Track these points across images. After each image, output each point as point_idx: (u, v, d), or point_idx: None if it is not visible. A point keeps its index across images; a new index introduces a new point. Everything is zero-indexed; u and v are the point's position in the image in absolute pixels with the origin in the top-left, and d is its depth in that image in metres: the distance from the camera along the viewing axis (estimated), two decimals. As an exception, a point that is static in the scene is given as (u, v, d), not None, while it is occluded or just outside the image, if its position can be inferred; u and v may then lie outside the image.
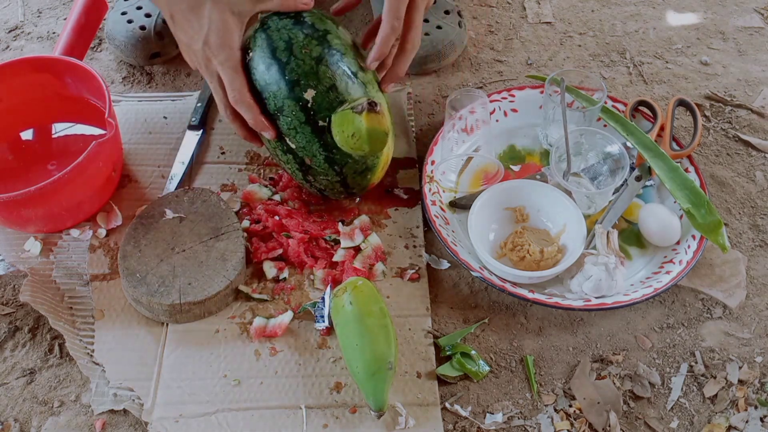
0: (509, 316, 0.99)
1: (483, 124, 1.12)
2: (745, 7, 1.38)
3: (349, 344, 0.90)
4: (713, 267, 1.02)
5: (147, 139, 1.16)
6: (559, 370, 0.94)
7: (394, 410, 0.89)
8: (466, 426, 0.90)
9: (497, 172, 1.09)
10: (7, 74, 1.08)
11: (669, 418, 0.91)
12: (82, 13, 1.14)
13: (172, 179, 1.10)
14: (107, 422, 0.90)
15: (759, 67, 1.28)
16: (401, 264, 1.02)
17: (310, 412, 0.90)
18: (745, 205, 1.10)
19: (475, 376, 0.93)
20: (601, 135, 1.07)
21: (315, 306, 0.97)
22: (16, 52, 1.32)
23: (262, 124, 0.96)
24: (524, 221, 1.05)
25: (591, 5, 1.40)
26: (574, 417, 0.90)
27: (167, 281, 0.96)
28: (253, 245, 1.02)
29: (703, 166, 1.13)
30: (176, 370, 0.93)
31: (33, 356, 0.96)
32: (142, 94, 1.24)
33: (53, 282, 1.01)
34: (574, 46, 1.32)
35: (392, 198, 1.09)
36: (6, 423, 0.90)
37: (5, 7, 1.40)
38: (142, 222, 1.01)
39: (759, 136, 1.18)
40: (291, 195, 1.08)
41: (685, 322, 0.98)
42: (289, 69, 0.93)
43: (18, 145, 1.12)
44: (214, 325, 0.97)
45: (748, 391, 0.92)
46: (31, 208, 0.98)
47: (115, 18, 1.26)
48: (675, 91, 1.25)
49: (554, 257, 0.99)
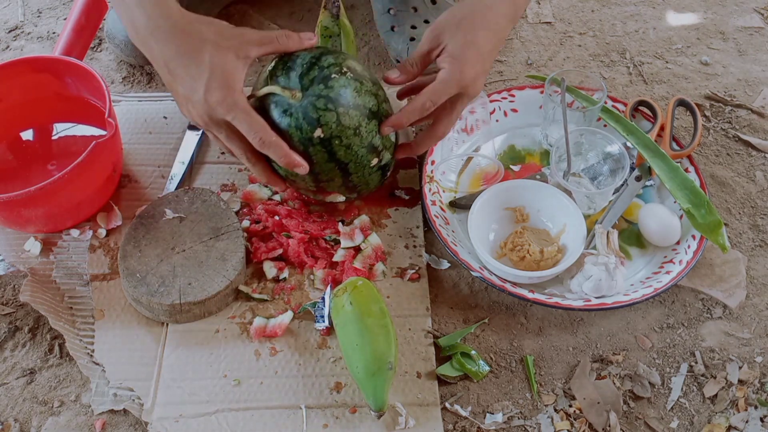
0: (509, 316, 0.99)
1: (483, 124, 1.12)
2: (745, 7, 1.38)
3: (349, 344, 0.90)
4: (713, 267, 1.02)
5: (147, 139, 1.16)
6: (559, 370, 0.94)
7: (394, 410, 0.89)
8: (466, 426, 0.90)
9: (497, 172, 1.09)
10: (7, 74, 1.08)
11: (669, 418, 0.91)
12: (82, 13, 1.14)
13: (172, 179, 1.10)
14: (107, 422, 0.90)
15: (759, 67, 1.28)
16: (401, 264, 1.02)
17: (310, 412, 0.90)
18: (745, 205, 1.10)
19: (475, 376, 0.93)
20: (601, 135, 1.07)
21: (315, 306, 0.97)
22: (16, 52, 1.32)
23: (294, 159, 0.89)
24: (524, 221, 1.05)
25: (591, 5, 1.40)
26: (574, 417, 0.90)
27: (167, 281, 0.96)
28: (253, 245, 1.02)
29: (703, 166, 1.13)
30: (176, 370, 0.93)
31: (33, 356, 0.96)
32: (142, 94, 1.24)
33: (53, 282, 1.01)
34: (574, 46, 1.32)
35: (392, 198, 1.09)
36: (6, 423, 0.90)
37: (5, 7, 1.40)
38: (142, 222, 1.01)
39: (759, 136, 1.18)
40: (291, 195, 1.08)
41: (685, 322, 0.98)
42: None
43: (18, 145, 1.12)
44: (214, 325, 0.97)
45: (748, 391, 0.92)
46: (31, 208, 0.98)
47: (115, 17, 1.26)
48: (675, 91, 1.25)
49: (554, 257, 0.99)
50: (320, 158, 0.92)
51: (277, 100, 0.91)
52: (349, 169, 0.94)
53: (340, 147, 0.91)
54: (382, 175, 1.00)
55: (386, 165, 0.99)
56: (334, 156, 0.92)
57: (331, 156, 0.92)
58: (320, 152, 0.91)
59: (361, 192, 1.01)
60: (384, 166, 0.99)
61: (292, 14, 1.36)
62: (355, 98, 0.91)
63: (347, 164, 0.93)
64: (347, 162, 0.93)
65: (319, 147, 0.91)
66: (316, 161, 0.92)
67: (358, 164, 0.94)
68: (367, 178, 0.98)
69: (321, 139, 0.90)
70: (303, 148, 0.90)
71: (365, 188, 1.00)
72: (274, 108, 0.91)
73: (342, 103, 0.90)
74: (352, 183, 0.97)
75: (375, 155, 0.95)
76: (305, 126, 0.89)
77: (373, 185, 1.01)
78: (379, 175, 1.00)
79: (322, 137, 0.90)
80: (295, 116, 0.90)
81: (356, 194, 1.02)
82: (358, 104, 0.91)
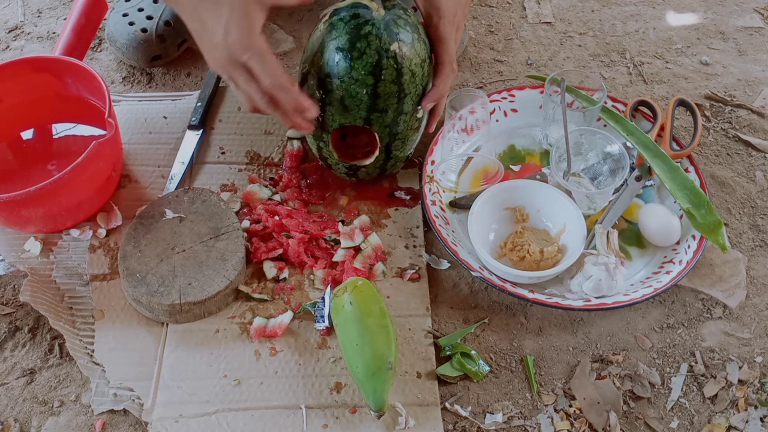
0: (509, 316, 0.99)
1: (483, 124, 1.12)
2: (745, 7, 1.38)
3: (349, 344, 0.90)
4: (713, 267, 1.02)
5: (147, 139, 1.16)
6: (559, 370, 0.94)
7: (394, 410, 0.89)
8: (466, 426, 0.90)
9: (497, 172, 1.09)
10: (7, 74, 1.08)
11: (669, 418, 0.91)
12: (82, 13, 1.14)
13: (172, 179, 1.10)
14: (107, 422, 0.90)
15: (759, 67, 1.28)
16: (401, 264, 1.02)
17: (310, 412, 0.90)
18: (745, 205, 1.10)
19: (475, 376, 0.93)
20: (601, 135, 1.07)
21: (315, 306, 0.97)
22: (16, 52, 1.32)
23: (303, 103, 0.92)
24: (524, 221, 1.05)
25: (591, 5, 1.40)
26: (574, 417, 0.90)
27: (167, 281, 0.96)
28: (253, 245, 1.02)
29: (703, 166, 1.13)
30: (176, 370, 0.93)
31: (33, 356, 0.96)
32: (142, 94, 1.24)
33: (53, 282, 1.01)
34: (574, 46, 1.32)
35: (392, 198, 1.09)
36: (6, 423, 0.90)
37: (5, 7, 1.40)
38: (142, 222, 1.01)
39: (759, 136, 1.18)
40: (291, 195, 1.09)
41: (685, 322, 0.98)
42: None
43: (18, 145, 1.12)
44: (214, 325, 0.97)
45: (748, 391, 0.92)
46: (31, 208, 0.98)
47: (116, 19, 1.25)
48: (675, 91, 1.25)
49: (554, 257, 0.99)
50: (388, 75, 0.94)
51: (361, 11, 0.94)
52: (404, 104, 0.96)
53: (407, 70, 0.94)
54: (414, 143, 1.04)
55: (416, 137, 1.04)
56: (401, 77, 0.94)
57: (398, 76, 0.94)
58: (391, 68, 0.94)
59: (397, 147, 1.02)
60: (419, 128, 1.03)
61: (291, 14, 1.36)
62: (419, 37, 0.96)
63: (405, 96, 0.96)
64: (407, 92, 0.96)
65: (392, 61, 0.93)
66: (384, 77, 0.94)
67: (412, 102, 0.97)
68: (408, 128, 1.00)
69: (395, 54, 0.93)
70: (377, 58, 0.93)
71: (401, 146, 1.02)
72: (355, 18, 0.94)
73: (414, 34, 0.95)
74: (397, 127, 0.99)
75: (422, 108, 1.00)
76: (385, 37, 0.93)
77: (406, 150, 1.04)
78: (415, 135, 1.03)
79: (397, 52, 0.93)
80: (377, 26, 0.93)
81: (390, 158, 1.03)
82: (423, 42, 0.97)
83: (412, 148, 1.06)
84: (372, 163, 1.03)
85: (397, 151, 1.03)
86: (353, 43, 0.93)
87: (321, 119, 0.99)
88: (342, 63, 0.93)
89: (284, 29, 1.33)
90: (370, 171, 1.05)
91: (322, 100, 0.97)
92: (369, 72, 0.93)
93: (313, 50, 0.97)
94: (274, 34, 1.33)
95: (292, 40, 1.31)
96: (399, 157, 1.05)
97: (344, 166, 1.04)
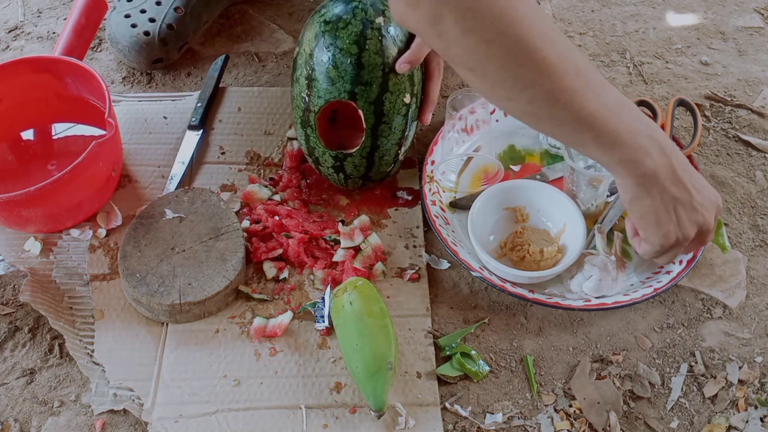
0: (509, 316, 0.99)
1: (483, 124, 1.12)
2: (745, 7, 1.38)
3: (349, 344, 0.90)
4: (713, 267, 1.02)
5: (147, 139, 1.16)
6: (559, 370, 0.94)
7: (394, 410, 0.89)
8: (466, 426, 0.90)
9: (497, 172, 1.09)
10: (7, 74, 1.08)
11: (669, 418, 0.91)
12: (82, 13, 1.14)
13: (172, 179, 1.10)
14: (107, 422, 0.90)
15: (759, 67, 1.28)
16: (401, 264, 1.02)
17: (310, 412, 0.90)
18: (745, 205, 1.10)
19: (475, 376, 0.93)
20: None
21: (315, 306, 0.97)
22: (16, 52, 1.32)
23: None
24: (524, 221, 1.05)
25: (591, 5, 1.40)
26: (574, 417, 0.90)
27: (167, 281, 0.96)
28: (253, 245, 1.02)
29: (703, 166, 1.13)
30: (176, 370, 0.93)
31: (33, 356, 0.96)
32: (142, 94, 1.24)
33: (53, 282, 1.01)
34: (574, 46, 1.32)
35: (392, 198, 1.09)
36: (6, 423, 0.90)
37: (5, 7, 1.40)
38: (142, 222, 1.01)
39: (759, 136, 1.18)
40: (291, 195, 1.09)
41: (685, 322, 0.98)
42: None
43: (18, 145, 1.12)
44: (214, 325, 0.97)
45: (748, 391, 0.92)
46: (31, 208, 0.98)
47: (117, 20, 1.24)
48: (675, 91, 1.25)
49: (554, 257, 0.99)
50: (372, 46, 0.96)
51: None
52: (390, 81, 0.98)
53: (391, 42, 0.97)
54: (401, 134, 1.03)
55: (409, 131, 1.04)
56: (384, 52, 0.97)
57: (382, 48, 0.97)
58: (375, 39, 0.96)
59: (383, 133, 1.01)
60: (411, 114, 1.02)
61: (291, 14, 1.36)
62: None
63: (389, 72, 0.98)
64: (390, 66, 0.98)
65: (376, 32, 0.96)
66: (368, 48, 0.96)
67: (396, 82, 0.99)
68: (394, 111, 1.00)
69: (380, 26, 0.97)
70: (362, 28, 0.96)
71: (387, 132, 1.01)
72: None
73: None
74: (383, 106, 0.99)
75: (409, 94, 1.00)
76: (371, 10, 0.97)
77: (394, 138, 1.02)
78: (403, 126, 1.02)
79: (381, 25, 0.97)
80: (363, 1, 0.98)
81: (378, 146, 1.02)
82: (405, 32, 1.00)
83: (401, 143, 1.03)
84: (358, 152, 1.01)
85: (384, 137, 1.01)
86: (340, 15, 0.97)
87: (308, 98, 1.00)
88: (329, 33, 0.97)
89: (284, 29, 1.33)
90: (357, 163, 1.03)
91: (309, 77, 0.99)
92: (354, 41, 0.96)
93: (304, 30, 1.01)
94: (274, 34, 1.33)
95: (292, 40, 1.31)
96: (386, 149, 1.02)
97: (331, 156, 1.03)
